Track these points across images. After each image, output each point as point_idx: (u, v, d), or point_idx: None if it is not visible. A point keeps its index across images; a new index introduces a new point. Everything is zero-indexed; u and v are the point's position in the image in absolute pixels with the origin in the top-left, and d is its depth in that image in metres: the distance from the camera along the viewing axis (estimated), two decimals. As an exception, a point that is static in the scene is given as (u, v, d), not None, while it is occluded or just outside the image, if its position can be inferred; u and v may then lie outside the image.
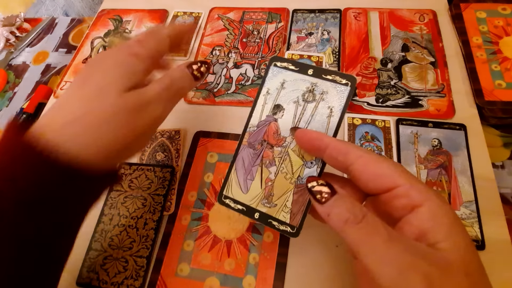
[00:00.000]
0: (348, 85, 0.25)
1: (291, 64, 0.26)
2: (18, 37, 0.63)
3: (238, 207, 0.27)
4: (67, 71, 0.52)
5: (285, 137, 0.26)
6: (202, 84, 0.47)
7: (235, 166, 0.27)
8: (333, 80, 0.25)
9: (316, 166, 0.25)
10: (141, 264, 0.35)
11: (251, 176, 0.27)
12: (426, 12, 0.49)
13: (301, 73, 0.26)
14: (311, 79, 0.26)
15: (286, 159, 0.26)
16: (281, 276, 0.33)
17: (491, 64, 0.42)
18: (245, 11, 0.55)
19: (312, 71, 0.26)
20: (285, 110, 0.26)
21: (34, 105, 0.51)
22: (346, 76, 0.25)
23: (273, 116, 0.26)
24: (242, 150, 0.27)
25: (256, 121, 0.27)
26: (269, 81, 0.27)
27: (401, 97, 0.42)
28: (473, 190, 0.35)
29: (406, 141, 0.39)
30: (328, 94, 0.25)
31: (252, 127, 0.27)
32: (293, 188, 0.26)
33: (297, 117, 0.26)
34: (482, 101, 0.40)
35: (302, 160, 0.25)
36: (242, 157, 0.27)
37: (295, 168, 0.26)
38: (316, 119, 0.25)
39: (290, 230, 0.25)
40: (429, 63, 0.44)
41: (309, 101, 0.26)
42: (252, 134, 0.27)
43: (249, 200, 0.26)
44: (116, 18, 0.58)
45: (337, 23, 0.51)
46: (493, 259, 0.32)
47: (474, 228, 0.33)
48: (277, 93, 0.26)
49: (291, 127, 0.26)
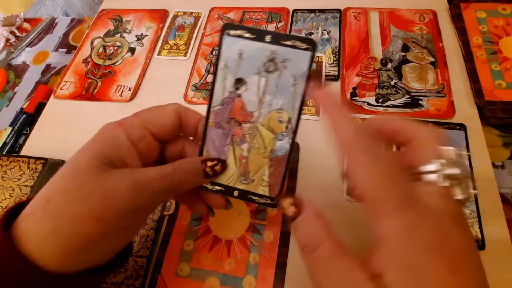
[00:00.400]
0: (309, 50, 0.23)
1: (246, 31, 0.24)
2: (18, 37, 0.63)
3: (216, 188, 0.26)
4: (67, 71, 0.52)
5: (252, 112, 0.25)
6: (202, 84, 0.47)
7: (206, 148, 0.26)
8: (293, 45, 0.23)
9: (288, 137, 0.25)
10: (141, 264, 0.35)
11: (224, 156, 0.26)
12: (426, 12, 0.49)
13: (259, 41, 0.24)
14: (270, 47, 0.24)
15: (257, 134, 0.25)
16: (281, 276, 0.33)
17: (491, 64, 0.42)
18: (245, 11, 0.55)
19: (270, 37, 0.24)
20: (247, 83, 0.25)
21: (34, 105, 0.51)
22: (306, 40, 0.23)
23: (236, 91, 0.25)
24: (210, 131, 0.26)
25: (219, 99, 0.25)
26: (225, 53, 0.24)
27: (401, 97, 0.42)
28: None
29: (406, 141, 0.39)
30: (290, 62, 0.24)
31: (216, 106, 0.25)
32: (268, 161, 0.25)
33: (261, 90, 0.25)
34: (482, 101, 0.40)
35: (272, 133, 0.25)
36: (212, 138, 0.26)
37: (267, 142, 0.25)
38: (281, 90, 0.24)
39: (270, 202, 0.26)
40: (429, 63, 0.44)
41: (271, 71, 0.24)
42: (218, 113, 0.25)
43: (226, 179, 0.26)
44: (116, 18, 0.58)
45: (337, 23, 0.51)
46: (493, 259, 0.32)
47: (474, 228, 0.33)
48: (236, 66, 0.25)
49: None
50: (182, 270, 0.34)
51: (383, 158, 0.19)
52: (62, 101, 0.50)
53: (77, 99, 0.49)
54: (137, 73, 0.50)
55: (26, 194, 0.39)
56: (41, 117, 0.49)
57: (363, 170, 0.19)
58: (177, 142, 0.27)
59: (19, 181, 0.40)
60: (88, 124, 0.46)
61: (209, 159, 0.25)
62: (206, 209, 0.29)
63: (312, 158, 0.39)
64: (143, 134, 0.25)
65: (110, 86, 0.50)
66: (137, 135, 0.24)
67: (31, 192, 0.39)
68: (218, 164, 0.25)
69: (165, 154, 0.27)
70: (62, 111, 0.49)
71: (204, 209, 0.28)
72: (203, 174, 0.25)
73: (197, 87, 0.47)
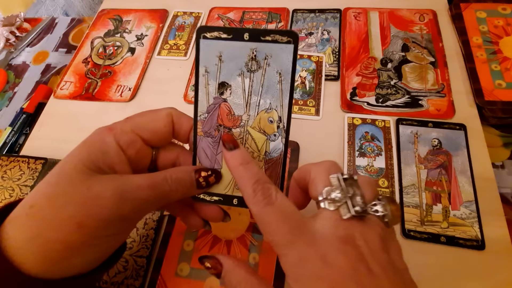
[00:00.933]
0: (291, 42, 0.22)
1: (222, 31, 0.23)
2: (18, 37, 0.63)
3: (214, 198, 0.26)
4: (67, 71, 0.52)
5: (240, 115, 0.24)
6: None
7: (198, 159, 0.25)
8: (274, 40, 0.22)
9: (280, 137, 0.24)
10: (141, 263, 0.35)
11: (218, 164, 0.25)
12: (426, 12, 0.49)
13: (237, 40, 0.23)
14: (250, 45, 0.23)
15: (248, 138, 0.25)
16: (281, 276, 0.33)
17: (491, 64, 0.42)
18: (245, 11, 0.55)
19: (248, 35, 0.22)
20: (231, 86, 0.24)
21: (34, 105, 0.51)
22: (286, 32, 0.22)
23: (220, 96, 0.24)
24: (200, 141, 0.25)
25: (204, 107, 0.24)
26: (204, 57, 0.23)
27: (401, 97, 0.42)
28: (473, 190, 0.35)
29: (406, 141, 0.39)
30: (273, 58, 0.23)
31: (202, 114, 0.24)
32: (263, 164, 0.25)
33: (246, 92, 0.24)
34: (482, 101, 0.40)
35: (264, 134, 0.24)
36: (203, 148, 0.25)
37: (260, 145, 0.25)
38: (267, 89, 0.23)
39: None
40: (429, 63, 0.44)
41: (254, 70, 0.23)
42: (205, 122, 0.25)
43: (223, 188, 0.25)
44: (116, 18, 0.58)
45: (337, 23, 0.51)
46: (493, 259, 0.32)
47: (474, 228, 0.33)
48: (217, 70, 0.23)
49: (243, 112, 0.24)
50: (182, 270, 0.34)
51: (276, 204, 0.20)
52: (62, 101, 0.50)
53: (77, 99, 0.49)
54: (137, 73, 0.50)
55: (26, 194, 0.39)
56: (41, 117, 0.49)
57: (260, 220, 0.20)
58: (171, 150, 0.27)
59: (19, 181, 0.40)
60: (88, 124, 0.46)
61: (203, 169, 0.25)
62: (202, 222, 0.27)
63: (311, 158, 0.39)
64: (133, 140, 0.24)
65: (110, 86, 0.50)
66: (126, 140, 0.23)
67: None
68: (212, 175, 0.25)
69: (158, 161, 0.26)
70: (62, 111, 0.49)
71: (199, 223, 0.27)
72: (196, 184, 0.24)
73: (197, 87, 0.47)
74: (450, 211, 0.34)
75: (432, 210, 0.35)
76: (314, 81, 0.45)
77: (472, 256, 0.32)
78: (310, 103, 0.44)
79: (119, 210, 0.21)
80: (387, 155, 0.38)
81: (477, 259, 0.32)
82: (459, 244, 0.33)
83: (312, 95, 0.44)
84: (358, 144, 0.39)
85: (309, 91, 0.45)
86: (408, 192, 0.36)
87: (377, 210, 0.20)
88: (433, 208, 0.35)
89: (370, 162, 0.38)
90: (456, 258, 0.32)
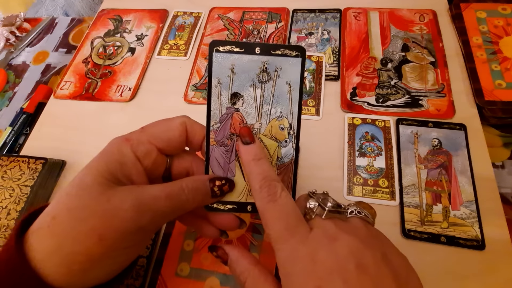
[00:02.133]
0: (299, 56, 0.24)
1: (234, 45, 0.24)
2: (18, 37, 0.63)
3: (228, 207, 0.26)
4: (67, 71, 0.52)
5: (252, 124, 0.25)
6: (202, 84, 0.47)
7: (211, 169, 0.26)
8: (284, 54, 0.24)
9: (291, 143, 0.26)
10: (141, 263, 0.35)
11: (231, 173, 0.26)
12: (426, 12, 0.49)
13: (249, 54, 0.24)
14: (261, 58, 0.24)
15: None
16: (281, 276, 0.33)
17: (491, 64, 0.42)
18: (245, 11, 0.55)
19: (259, 49, 0.24)
20: (243, 97, 0.25)
21: (34, 105, 0.51)
22: (294, 47, 0.24)
23: (233, 106, 0.25)
24: (212, 151, 0.25)
25: (217, 116, 0.25)
26: (216, 69, 0.24)
27: (401, 97, 0.42)
28: (473, 190, 0.35)
29: (406, 141, 0.39)
30: (283, 70, 0.24)
31: (215, 124, 0.25)
32: (276, 170, 0.26)
33: (258, 101, 0.25)
34: (482, 101, 0.40)
35: (276, 141, 0.25)
36: (215, 157, 0.26)
37: (272, 151, 0.26)
38: (277, 98, 0.25)
39: None
40: (429, 63, 0.44)
41: (265, 81, 0.25)
42: (218, 131, 0.25)
43: (237, 196, 0.26)
44: (116, 18, 0.58)
45: (337, 23, 0.51)
46: (493, 259, 0.32)
47: (474, 228, 0.33)
48: (229, 81, 0.25)
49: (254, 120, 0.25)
50: (182, 270, 0.34)
51: (279, 201, 0.22)
52: (62, 101, 0.50)
53: (77, 99, 0.49)
54: (137, 73, 0.50)
55: (26, 194, 0.39)
56: (41, 117, 0.49)
57: (262, 214, 0.22)
58: (185, 158, 0.27)
59: (19, 181, 0.40)
60: (88, 124, 0.46)
61: (217, 178, 0.25)
62: (217, 231, 0.27)
63: (312, 158, 0.39)
64: (150, 150, 0.24)
65: (110, 86, 0.50)
66: (143, 150, 0.24)
67: (31, 192, 0.39)
68: (226, 184, 0.25)
69: (172, 169, 0.26)
70: (62, 111, 0.49)
71: (215, 232, 0.27)
72: (211, 193, 0.24)
73: (197, 87, 0.47)
74: (450, 211, 0.34)
75: (432, 210, 0.35)
76: (314, 81, 0.45)
77: (472, 256, 0.32)
78: (310, 103, 0.44)
79: (137, 222, 0.21)
80: (387, 155, 0.38)
81: (477, 259, 0.32)
82: (459, 244, 0.33)
83: (312, 95, 0.44)
84: (358, 144, 0.39)
85: (309, 91, 0.45)
86: (408, 192, 0.36)
87: (352, 211, 0.22)
88: (433, 208, 0.35)
89: (370, 162, 0.38)
90: (456, 258, 0.32)
